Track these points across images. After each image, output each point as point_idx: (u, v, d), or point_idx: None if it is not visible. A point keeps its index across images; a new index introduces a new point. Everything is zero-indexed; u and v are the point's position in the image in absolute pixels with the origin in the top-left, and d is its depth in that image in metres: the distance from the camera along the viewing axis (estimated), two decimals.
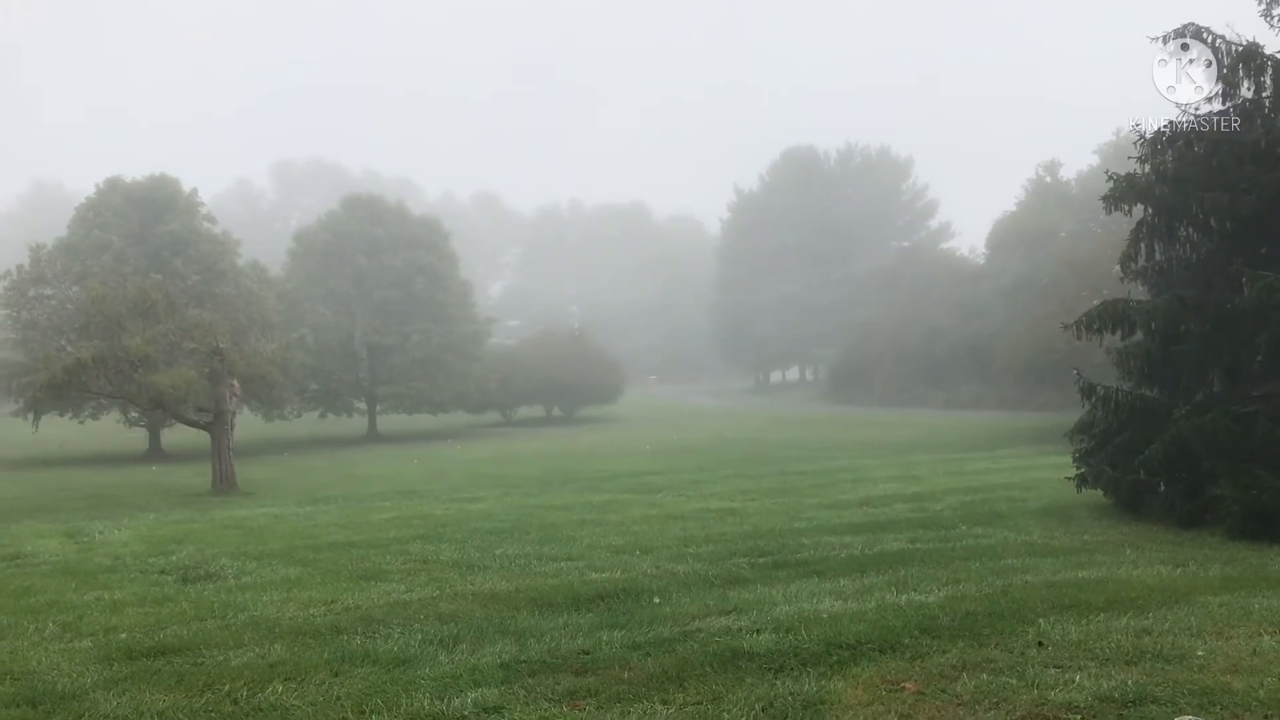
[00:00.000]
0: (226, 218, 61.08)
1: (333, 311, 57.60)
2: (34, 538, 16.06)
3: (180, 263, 48.17)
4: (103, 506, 23.28)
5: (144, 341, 27.51)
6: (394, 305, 56.82)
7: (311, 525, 16.53)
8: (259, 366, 30.61)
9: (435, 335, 57.17)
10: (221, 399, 27.42)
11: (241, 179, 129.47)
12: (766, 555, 11.33)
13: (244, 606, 9.32)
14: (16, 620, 9.04)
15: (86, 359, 27.20)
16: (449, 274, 59.87)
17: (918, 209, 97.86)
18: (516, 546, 12.69)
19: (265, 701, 6.26)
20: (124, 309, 28.52)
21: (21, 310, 46.55)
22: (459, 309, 59.59)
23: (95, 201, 51.19)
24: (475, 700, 6.09)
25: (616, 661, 6.87)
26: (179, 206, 51.05)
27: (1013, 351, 45.60)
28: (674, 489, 21.31)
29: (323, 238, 59.35)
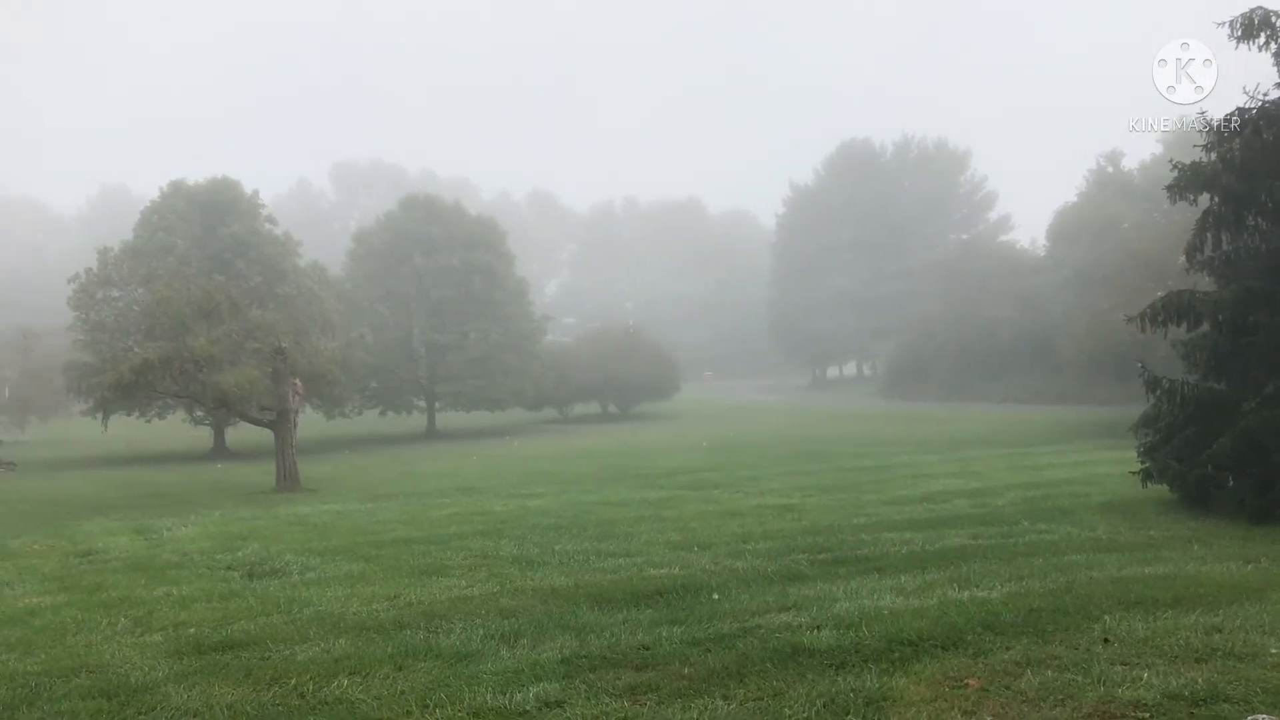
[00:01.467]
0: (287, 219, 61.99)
1: (391, 311, 58.26)
2: (105, 535, 16.43)
3: (243, 264, 48.98)
4: (170, 504, 23.74)
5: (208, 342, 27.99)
6: (452, 304, 57.31)
7: (373, 522, 16.73)
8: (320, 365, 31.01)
9: (492, 333, 57.61)
10: (284, 398, 27.83)
11: (301, 180, 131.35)
12: (826, 551, 11.28)
13: (309, 602, 9.47)
14: (90, 615, 9.27)
15: (153, 359, 27.73)
16: (505, 273, 60.26)
17: (976, 201, 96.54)
18: (575, 543, 12.74)
19: (331, 695, 6.37)
20: (189, 310, 29.03)
21: (90, 312, 47.65)
22: (515, 307, 59.96)
23: (160, 205, 52.25)
24: (537, 695, 6.14)
25: (676, 657, 6.89)
26: (241, 209, 51.93)
27: (1074, 344, 44.86)
28: (731, 485, 21.25)
29: (381, 238, 60.02)
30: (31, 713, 6.30)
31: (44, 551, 14.35)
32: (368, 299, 57.78)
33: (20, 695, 6.68)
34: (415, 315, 58.35)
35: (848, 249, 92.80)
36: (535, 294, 72.45)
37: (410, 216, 60.14)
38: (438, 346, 57.78)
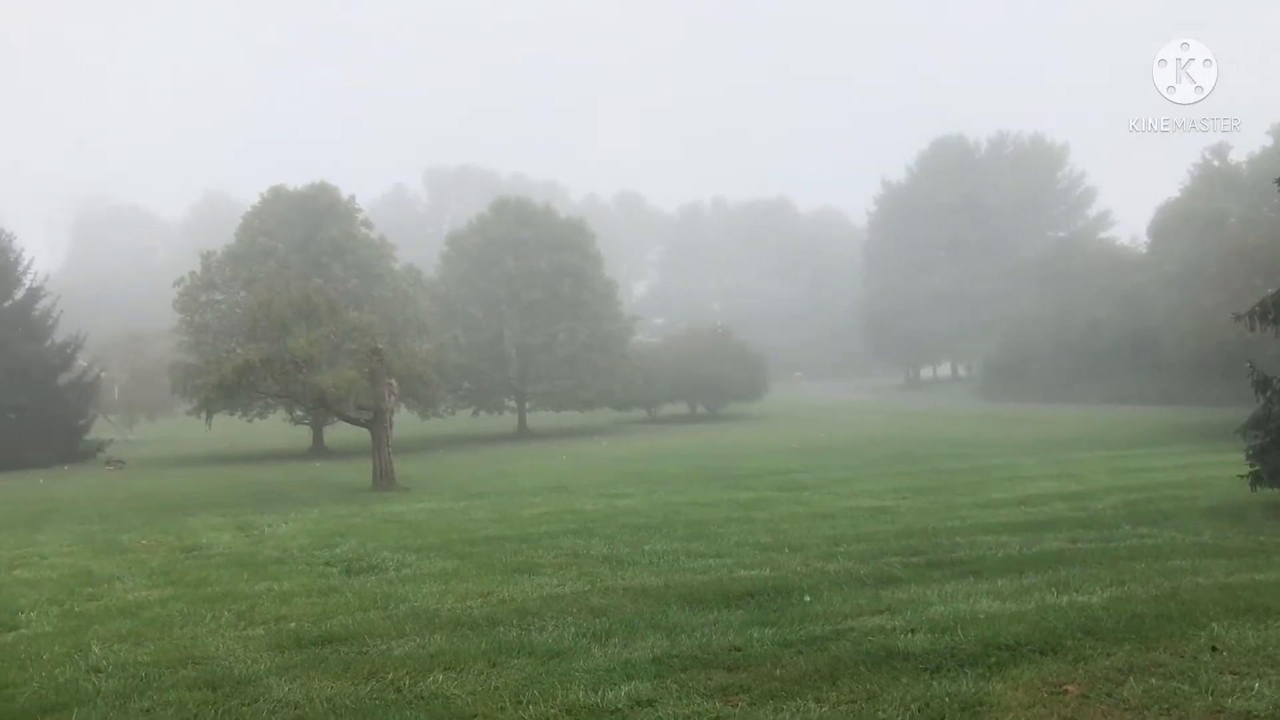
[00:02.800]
0: (383, 223, 63.17)
1: (483, 312, 58.97)
2: (209, 531, 16.90)
3: (340, 267, 50.00)
4: (270, 501, 24.35)
5: (307, 343, 28.62)
6: (541, 305, 57.79)
7: (467, 520, 16.95)
8: (415, 366, 31.47)
9: (581, 334, 57.97)
10: (380, 398, 28.34)
11: (396, 185, 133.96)
12: (920, 554, 11.11)
13: (404, 598, 9.63)
14: (195, 608, 9.56)
15: (254, 360, 28.44)
16: (594, 274, 60.55)
17: (1074, 198, 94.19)
18: (664, 543, 12.76)
19: (427, 690, 6.47)
20: (289, 312, 29.71)
21: (194, 315, 49.15)
22: (604, 308, 60.23)
23: (260, 210, 53.66)
24: (629, 694, 6.16)
25: (768, 659, 6.86)
26: (338, 213, 53.03)
27: (1179, 343, 43.51)
28: (822, 487, 21.06)
29: (473, 240, 60.78)
30: (142, 701, 6.51)
31: (152, 547, 14.82)
32: (460, 301, 58.55)
33: (131, 685, 6.92)
34: (506, 316, 58.98)
35: (942, 247, 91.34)
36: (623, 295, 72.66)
37: (501, 219, 60.79)
38: (528, 347, 58.35)
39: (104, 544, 15.54)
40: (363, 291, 48.84)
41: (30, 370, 47.63)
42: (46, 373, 49.19)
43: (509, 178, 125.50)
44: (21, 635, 8.77)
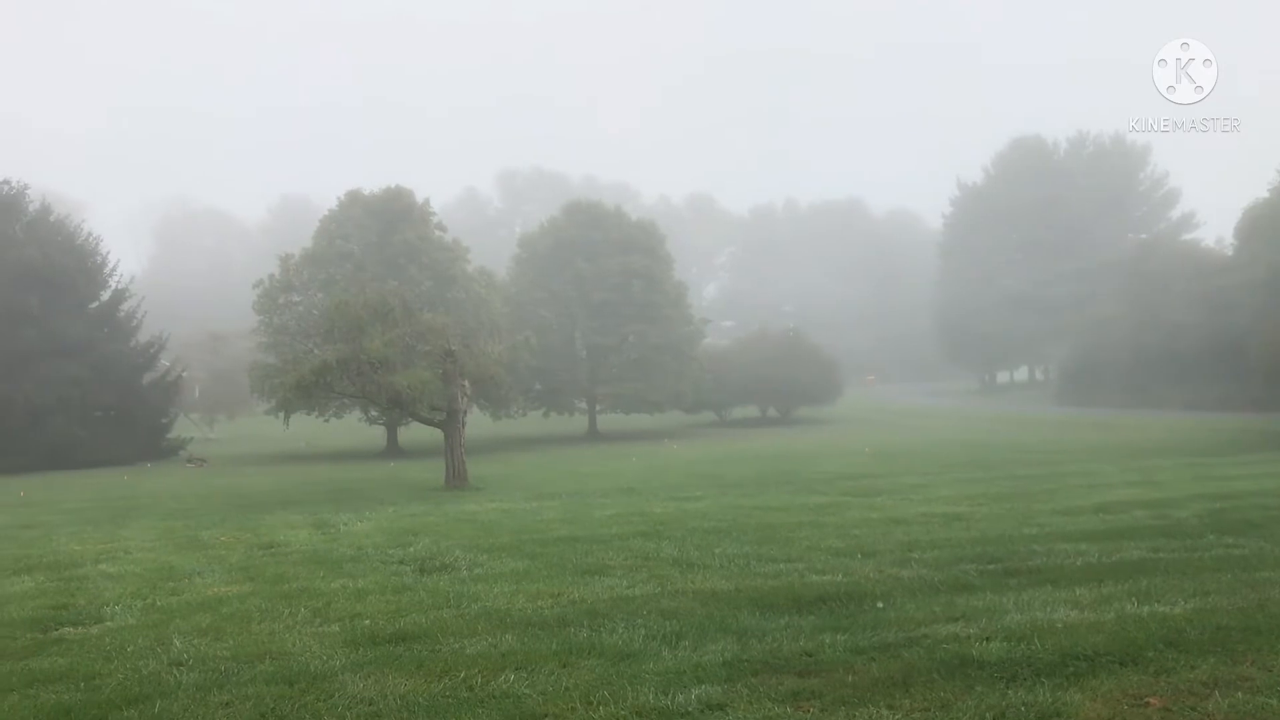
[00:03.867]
0: (456, 226, 63.88)
1: (554, 314, 59.34)
2: (286, 528, 17.20)
3: (414, 269, 50.68)
4: (346, 499, 24.73)
5: (383, 344, 28.98)
6: (612, 307, 57.98)
7: (538, 520, 17.04)
8: (487, 367, 31.73)
9: (651, 336, 58.03)
10: (454, 398, 28.64)
11: (469, 189, 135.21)
12: (995, 562, 10.92)
13: (476, 597, 9.71)
14: (273, 604, 9.73)
15: (331, 361, 28.91)
16: (664, 276, 60.60)
17: (1156, 199, 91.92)
18: (735, 546, 12.69)
19: (498, 689, 6.51)
20: (365, 314, 30.12)
21: (273, 316, 50.19)
22: (674, 310, 60.23)
23: (337, 214, 54.61)
24: (699, 697, 6.14)
25: (840, 665, 6.79)
26: (413, 217, 53.75)
27: (1266, 348, 42.22)
28: (895, 492, 20.81)
29: (545, 243, 61.20)
30: (221, 695, 6.64)
31: (231, 543, 15.13)
32: (532, 303, 59.00)
33: (211, 678, 7.06)
34: (577, 318, 59.30)
35: (1019, 249, 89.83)
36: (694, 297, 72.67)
37: (572, 221, 61.15)
38: (598, 349, 58.60)
39: (185, 540, 15.91)
40: (436, 294, 49.42)
41: (116, 370, 49.06)
42: (131, 372, 50.63)
43: (580, 180, 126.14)
44: (107, 628, 9.00)
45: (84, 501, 26.47)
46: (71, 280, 49.18)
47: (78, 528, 18.79)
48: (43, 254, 47.90)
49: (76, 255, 50.43)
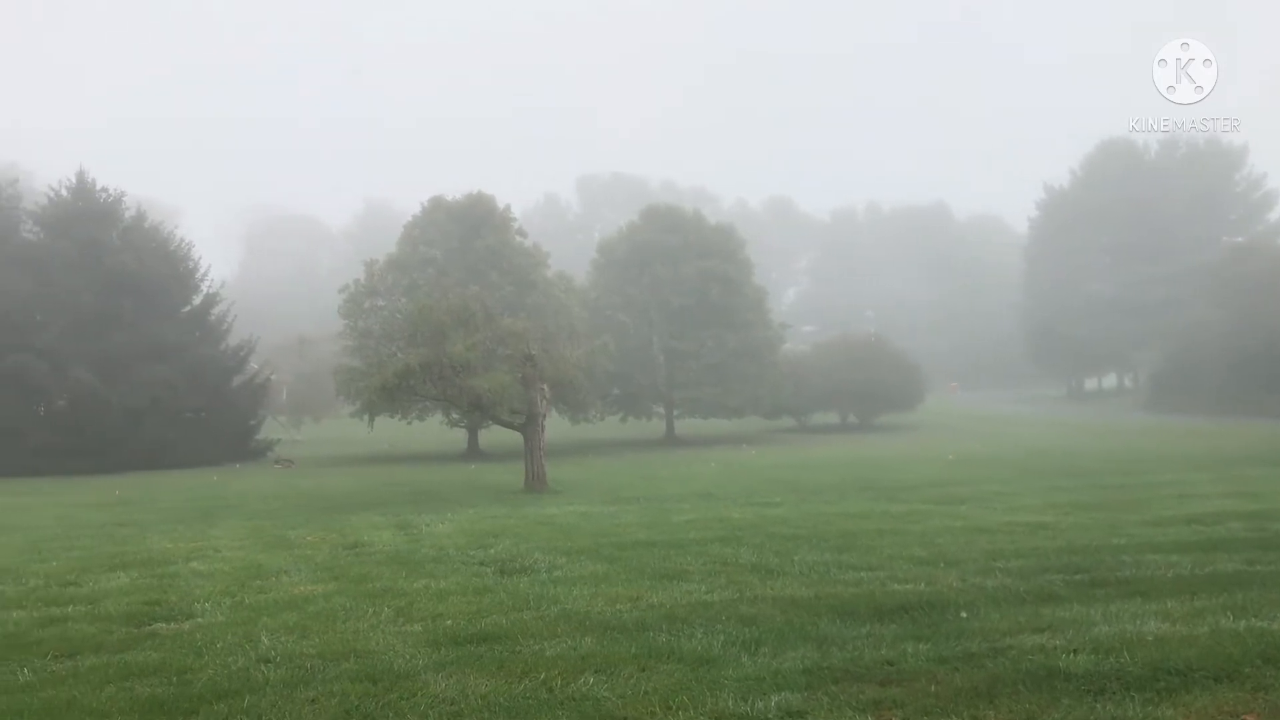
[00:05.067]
0: (535, 231, 64.46)
1: (632, 319, 59.41)
2: (370, 529, 17.46)
3: (495, 274, 51.18)
4: (427, 501, 25.03)
5: (464, 348, 29.30)
6: (690, 312, 57.91)
7: (616, 524, 17.06)
8: (566, 372, 31.90)
9: (730, 341, 57.81)
10: (533, 402, 28.85)
11: (549, 194, 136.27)
12: (1082, 572, 10.67)
13: (556, 599, 9.76)
14: (357, 604, 9.89)
15: (414, 364, 29.30)
16: (743, 280, 60.36)
17: (1254, 201, 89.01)
18: (815, 553, 12.58)
19: (578, 691, 6.54)
20: (447, 318, 30.48)
21: (358, 320, 51.09)
22: (753, 315, 59.96)
23: (421, 219, 55.43)
24: (779, 704, 6.10)
25: (923, 674, 6.70)
26: (494, 222, 54.32)
27: None
28: (979, 500, 20.44)
29: (623, 248, 61.36)
30: (307, 691, 6.78)
31: (316, 543, 15.40)
32: (610, 307, 59.15)
33: (297, 675, 7.21)
34: (655, 323, 59.34)
35: (1107, 253, 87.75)
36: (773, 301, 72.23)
37: (651, 226, 61.22)
38: (676, 354, 58.55)
39: (272, 539, 16.24)
40: (517, 298, 49.83)
41: (206, 373, 50.34)
42: (221, 375, 51.90)
43: (659, 185, 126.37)
44: (197, 624, 9.23)
45: (176, 501, 27.20)
46: (164, 285, 50.61)
47: (170, 526, 19.30)
48: (137, 260, 49.36)
49: (169, 261, 51.87)
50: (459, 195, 55.48)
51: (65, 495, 30.45)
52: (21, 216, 51.61)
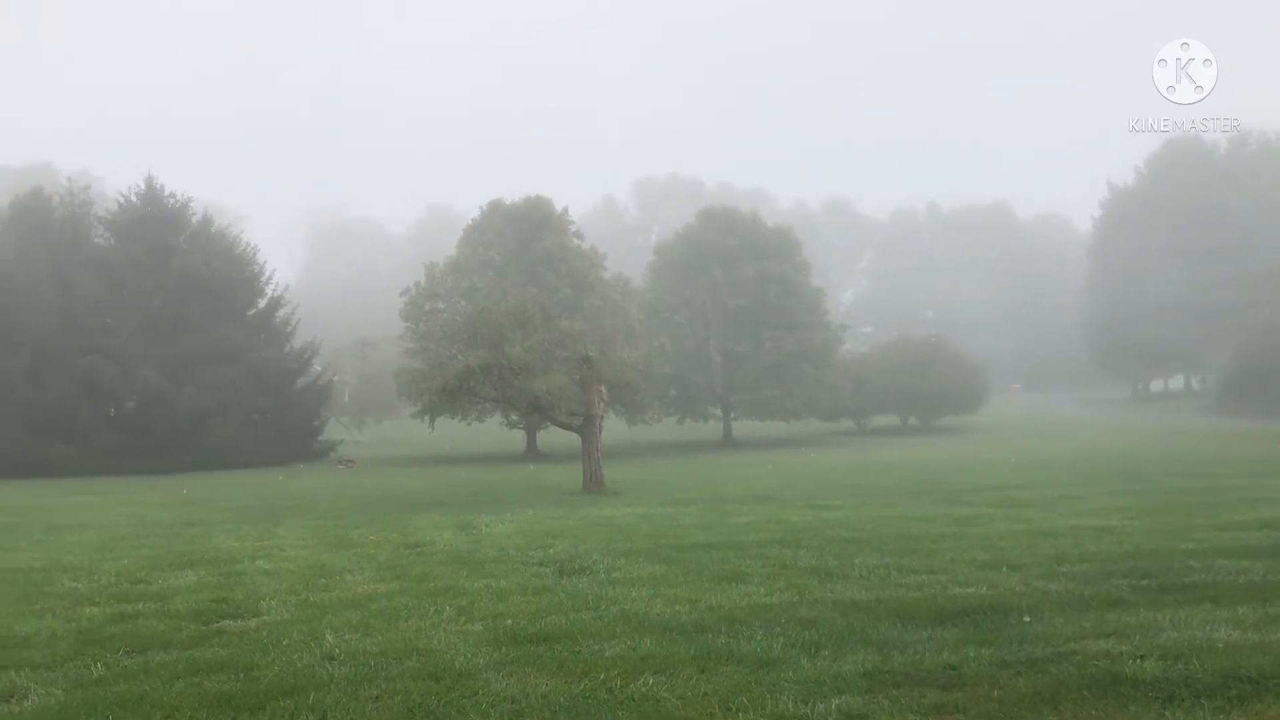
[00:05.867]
0: (592, 233, 64.67)
1: (689, 320, 59.42)
2: (431, 528, 17.64)
3: (553, 277, 51.49)
4: (487, 501, 25.21)
5: (523, 350, 29.49)
6: (748, 313, 57.77)
7: (674, 526, 17.08)
8: (624, 373, 31.97)
9: (788, 343, 57.58)
10: (591, 404, 28.95)
11: (606, 197, 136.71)
12: (1149, 577, 10.47)
13: (615, 600, 9.79)
14: (419, 602, 9.99)
15: (474, 366, 29.55)
16: (801, 282, 60.11)
17: None
18: (875, 557, 12.49)
19: (637, 692, 6.56)
20: (506, 321, 30.71)
21: (418, 322, 51.72)
22: (811, 316, 59.67)
23: (480, 223, 55.93)
24: (839, 707, 6.08)
25: (985, 679, 6.62)
26: (552, 225, 54.67)
27: None
28: (1042, 504, 20.15)
29: (680, 250, 61.40)
30: (371, 689, 6.87)
31: (379, 542, 15.59)
32: (667, 309, 59.22)
33: (361, 673, 7.31)
34: (712, 325, 59.26)
35: (1174, 253, 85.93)
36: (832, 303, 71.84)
37: (708, 228, 61.18)
38: (734, 355, 58.41)
39: (336, 539, 16.47)
40: (574, 300, 50.07)
41: (271, 374, 51.23)
42: (285, 377, 52.78)
43: (716, 186, 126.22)
44: (264, 621, 9.39)
45: (241, 501, 27.67)
46: (231, 289, 51.59)
47: (235, 525, 19.63)
48: (205, 264, 50.40)
49: (236, 265, 52.88)
50: (517, 198, 55.90)
51: (135, 495, 31.13)
52: (93, 222, 52.94)
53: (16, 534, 18.70)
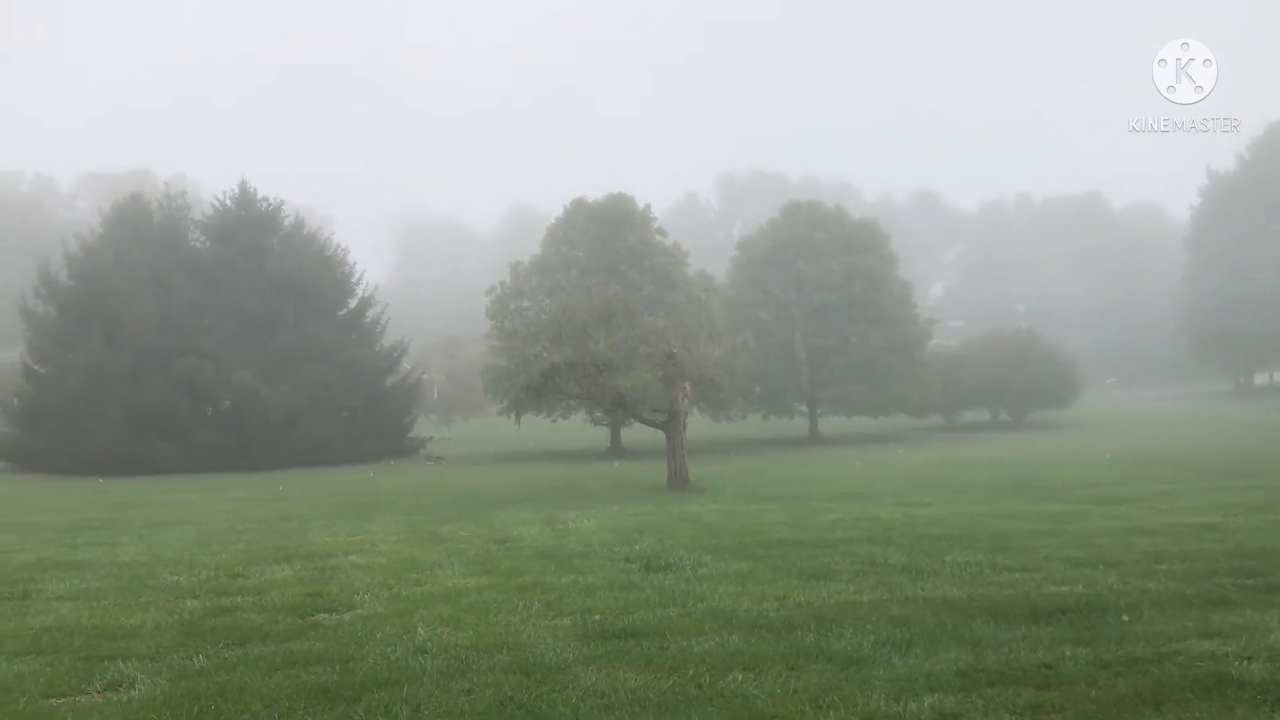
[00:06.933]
0: (675, 230, 64.71)
1: (773, 316, 59.09)
2: (518, 524, 17.81)
3: (636, 274, 51.60)
4: (572, 497, 25.40)
5: (607, 347, 29.64)
6: (833, 308, 57.25)
7: (760, 523, 16.98)
8: (707, 370, 31.94)
9: (874, 338, 56.93)
10: (675, 400, 28.98)
11: (689, 193, 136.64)
12: (1255, 576, 10.11)
13: (702, 597, 9.76)
14: (509, 597, 10.08)
15: (559, 363, 29.80)
16: (888, 275, 59.40)
17: None
18: (966, 554, 12.27)
19: (727, 688, 6.54)
20: (589, 318, 30.91)
21: (504, 321, 52.28)
22: (899, 310, 58.92)
23: (563, 221, 56.31)
24: (932, 705, 5.98)
25: (1082, 679, 6.47)
26: (634, 222, 54.80)
27: None
28: (1140, 500, 19.61)
29: (764, 244, 61.09)
30: (463, 682, 6.95)
31: (468, 538, 15.77)
32: (750, 305, 58.97)
33: (453, 666, 7.40)
34: (797, 320, 58.86)
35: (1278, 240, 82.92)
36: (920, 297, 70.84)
37: (792, 222, 60.77)
38: (819, 351, 57.93)
39: (426, 534, 16.71)
40: (657, 297, 50.13)
41: (362, 373, 52.25)
42: (376, 375, 53.79)
43: (800, 180, 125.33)
44: (358, 615, 9.56)
45: (334, 496, 28.27)
46: (322, 289, 52.74)
47: (329, 521, 20.04)
48: (297, 265, 51.61)
49: (327, 266, 54.04)
50: (600, 196, 56.13)
51: (231, 491, 31.99)
52: (189, 226, 54.51)
53: (120, 529, 19.31)
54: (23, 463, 46.34)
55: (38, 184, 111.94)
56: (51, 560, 14.19)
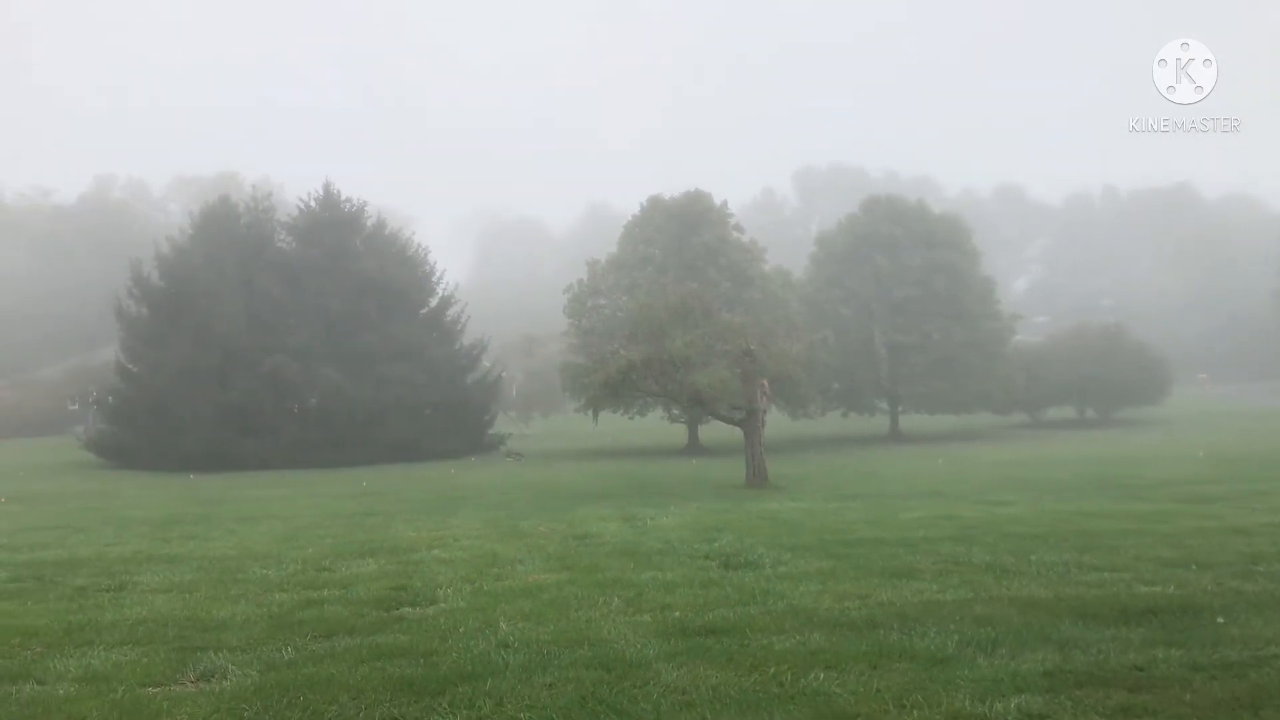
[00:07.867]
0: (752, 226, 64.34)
1: (853, 312, 58.50)
2: (597, 520, 17.90)
3: (713, 271, 51.45)
4: (651, 494, 25.42)
5: (684, 345, 29.65)
6: (914, 304, 56.50)
7: (840, 521, 16.86)
8: (785, 367, 31.78)
9: (956, 334, 56.07)
10: (753, 397, 28.86)
11: (766, 189, 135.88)
12: None
13: (782, 595, 9.73)
14: (589, 593, 10.14)
15: (636, 361, 29.88)
16: (970, 271, 58.43)
17: None
18: (1053, 554, 12.04)
19: (809, 687, 6.51)
20: (666, 316, 30.95)
21: (581, 319, 52.55)
22: (981, 306, 57.91)
23: (640, 219, 56.34)
24: (1018, 706, 5.89)
25: (1176, 681, 6.31)
26: (711, 219, 54.62)
27: None
28: (1233, 500, 19.05)
29: (842, 240, 60.49)
30: (545, 677, 7.01)
31: (548, 534, 15.90)
32: (829, 301, 58.44)
33: (535, 660, 7.47)
34: (876, 316, 58.20)
35: None
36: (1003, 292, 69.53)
37: (871, 217, 60.09)
38: (899, 347, 57.21)
39: (507, 529, 16.88)
40: (734, 294, 49.94)
41: (443, 371, 52.94)
42: (456, 373, 54.45)
43: (880, 175, 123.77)
44: (441, 609, 9.70)
45: (417, 492, 28.67)
46: (404, 289, 53.51)
47: (412, 516, 20.34)
48: (379, 265, 52.44)
49: (408, 266, 54.83)
50: (676, 194, 56.09)
51: (317, 486, 32.64)
52: (275, 227, 55.71)
53: (211, 524, 19.82)
54: (116, 459, 47.75)
55: (130, 187, 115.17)
56: (146, 554, 14.64)
